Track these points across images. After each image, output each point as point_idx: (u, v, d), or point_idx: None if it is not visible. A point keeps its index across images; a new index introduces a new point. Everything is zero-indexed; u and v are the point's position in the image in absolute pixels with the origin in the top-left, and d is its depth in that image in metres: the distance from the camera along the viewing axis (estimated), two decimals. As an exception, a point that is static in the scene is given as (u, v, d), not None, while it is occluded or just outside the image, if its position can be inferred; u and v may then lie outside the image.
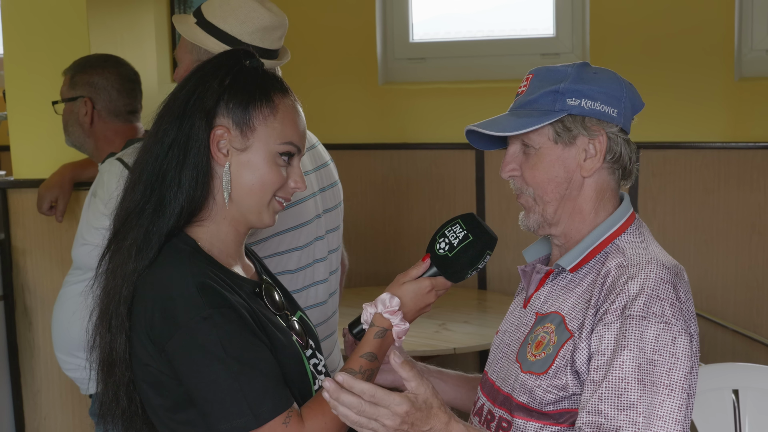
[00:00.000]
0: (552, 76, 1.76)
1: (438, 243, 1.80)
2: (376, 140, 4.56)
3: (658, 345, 1.58)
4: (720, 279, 4.07)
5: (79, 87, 2.98)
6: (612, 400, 1.56)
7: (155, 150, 1.68)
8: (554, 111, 1.72)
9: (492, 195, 4.38)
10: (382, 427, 1.50)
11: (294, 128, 1.72)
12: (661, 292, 1.62)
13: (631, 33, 4.14)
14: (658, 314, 1.59)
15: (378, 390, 1.49)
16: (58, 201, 3.28)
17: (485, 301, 4.16)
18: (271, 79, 1.74)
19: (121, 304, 1.65)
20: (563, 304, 1.73)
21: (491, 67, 4.49)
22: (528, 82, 1.79)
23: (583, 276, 1.74)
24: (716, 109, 4.06)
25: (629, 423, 1.54)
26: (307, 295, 2.44)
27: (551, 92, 1.73)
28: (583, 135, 1.73)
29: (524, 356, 1.75)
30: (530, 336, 1.76)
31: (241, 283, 1.71)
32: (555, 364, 1.67)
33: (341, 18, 4.57)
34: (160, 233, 1.65)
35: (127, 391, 1.68)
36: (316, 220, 2.46)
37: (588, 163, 1.74)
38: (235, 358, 1.57)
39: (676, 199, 4.10)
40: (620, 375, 1.57)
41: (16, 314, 3.69)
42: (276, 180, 1.70)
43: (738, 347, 4.03)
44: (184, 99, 1.68)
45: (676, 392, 1.56)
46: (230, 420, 1.56)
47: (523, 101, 1.77)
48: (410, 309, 1.76)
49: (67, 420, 3.70)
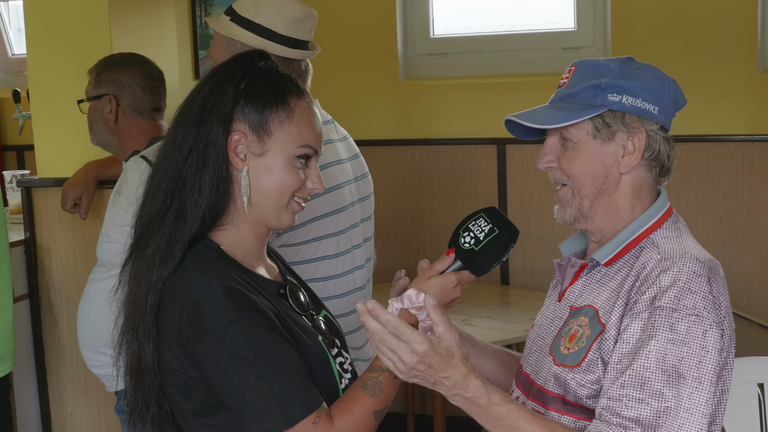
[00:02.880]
0: (594, 69, 1.74)
1: (462, 237, 1.79)
2: (397, 136, 4.56)
3: (687, 337, 1.56)
4: (744, 272, 4.04)
5: (103, 85, 3.00)
6: (635, 388, 1.55)
7: (174, 157, 1.68)
8: (594, 106, 1.71)
9: (514, 190, 4.37)
10: (400, 361, 1.53)
11: (310, 130, 1.72)
12: (693, 286, 1.60)
13: (653, 26, 4.12)
14: (690, 307, 1.58)
15: (402, 325, 1.52)
16: (81, 198, 3.29)
17: (508, 296, 4.15)
18: (286, 81, 1.74)
19: (147, 313, 1.65)
20: (597, 298, 1.72)
21: (512, 61, 4.48)
22: (570, 75, 1.77)
23: (618, 270, 1.73)
24: (739, 102, 4.03)
25: (649, 411, 1.53)
26: (347, 280, 2.47)
27: (593, 87, 1.72)
28: (623, 132, 1.72)
29: (557, 349, 1.74)
30: (564, 329, 1.76)
31: (266, 285, 1.71)
32: (588, 358, 1.67)
33: (362, 14, 4.57)
34: (183, 240, 1.66)
35: (156, 398, 1.69)
36: (351, 207, 2.50)
37: (626, 159, 1.73)
38: (263, 360, 1.57)
39: (700, 193, 4.08)
40: (645, 364, 1.56)
41: (41, 312, 3.71)
42: (294, 182, 1.70)
43: (763, 341, 4.01)
44: (201, 105, 1.68)
45: (704, 385, 1.55)
46: (262, 422, 1.57)
47: (564, 94, 1.76)
48: None
49: (93, 417, 3.72)
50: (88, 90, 3.04)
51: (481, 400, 1.57)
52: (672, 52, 4.04)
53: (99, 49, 3.38)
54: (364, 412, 1.63)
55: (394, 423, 4.19)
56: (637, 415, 1.54)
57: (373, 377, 1.66)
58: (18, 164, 5.45)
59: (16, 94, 4.39)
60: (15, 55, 5.68)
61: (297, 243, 2.36)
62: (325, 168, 2.40)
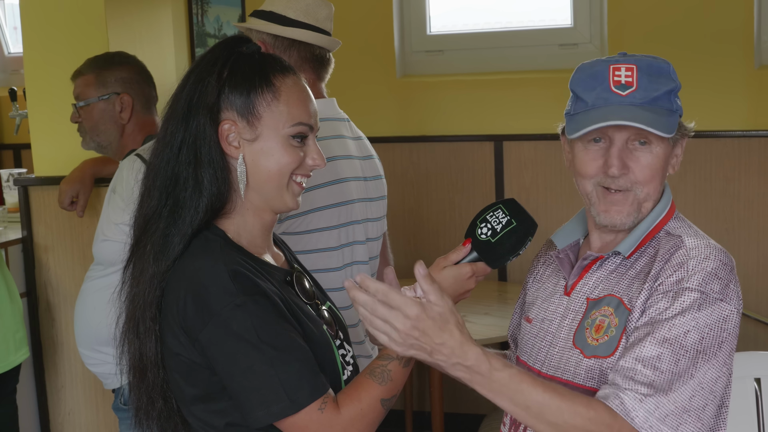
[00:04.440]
0: (657, 71, 1.74)
1: (479, 228, 1.77)
2: (394, 133, 4.55)
3: (711, 319, 1.60)
4: (741, 268, 4.04)
5: (110, 84, 2.99)
6: (653, 356, 1.58)
7: (165, 154, 1.68)
8: (673, 111, 1.73)
9: (511, 186, 4.38)
10: (393, 330, 1.48)
11: (301, 107, 1.70)
12: (720, 273, 1.65)
13: (649, 22, 4.12)
14: (717, 291, 1.63)
15: (392, 292, 1.48)
16: (79, 196, 3.29)
17: (505, 292, 4.15)
18: (269, 60, 1.71)
19: (146, 309, 1.65)
20: (617, 287, 1.74)
21: (509, 58, 4.48)
22: (633, 75, 1.74)
23: (636, 259, 1.75)
24: (736, 98, 4.03)
25: (663, 378, 1.56)
26: (345, 274, 2.47)
27: (669, 92, 1.74)
28: (681, 136, 1.77)
29: (584, 342, 1.74)
30: (586, 321, 1.75)
31: (273, 272, 1.71)
32: (621, 344, 1.68)
33: (359, 12, 4.57)
34: (183, 233, 1.65)
35: (162, 392, 1.69)
36: (357, 203, 2.50)
37: (674, 161, 1.79)
38: (269, 344, 1.56)
39: (697, 189, 4.09)
40: (666, 335, 1.59)
41: (39, 311, 3.72)
42: (292, 161, 1.69)
43: (760, 336, 4.02)
44: (187, 98, 1.67)
45: (719, 367, 1.59)
46: (267, 406, 1.56)
47: (648, 97, 1.72)
48: (449, 295, 1.69)
49: (92, 415, 3.72)
50: (89, 92, 3.00)
51: (483, 367, 1.51)
52: (668, 47, 4.04)
53: (95, 47, 3.38)
54: (372, 400, 1.62)
55: (392, 420, 4.19)
56: (651, 380, 1.56)
57: (382, 365, 1.65)
58: (15, 163, 5.45)
59: (13, 93, 4.39)
60: (11, 54, 5.68)
61: (298, 232, 2.37)
62: (333, 160, 2.41)
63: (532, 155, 4.31)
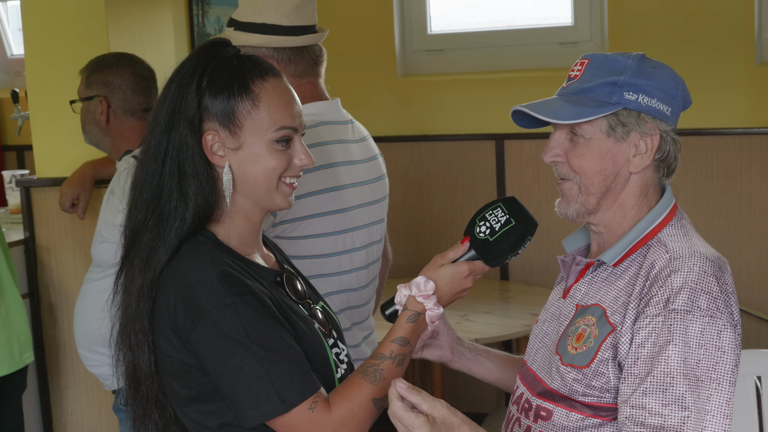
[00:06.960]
0: (610, 65, 1.71)
1: (478, 226, 1.76)
2: (395, 132, 4.56)
3: (703, 339, 1.56)
4: (743, 265, 4.04)
5: (94, 86, 3.01)
6: (657, 395, 1.54)
7: (150, 166, 1.68)
8: (610, 103, 1.68)
9: (512, 185, 4.38)
10: None
11: (283, 110, 1.68)
12: (704, 286, 1.60)
13: (650, 20, 4.12)
14: (703, 308, 1.58)
15: (399, 410, 1.50)
16: (79, 198, 3.30)
17: (507, 291, 4.16)
18: (248, 65, 1.70)
19: (136, 321, 1.65)
20: (604, 297, 1.71)
21: (510, 57, 4.48)
22: (583, 68, 1.73)
23: (625, 269, 1.72)
24: (737, 95, 4.03)
25: (675, 418, 1.53)
26: (339, 280, 2.44)
27: (609, 83, 1.69)
28: (636, 131, 1.70)
29: (564, 348, 1.73)
30: (570, 328, 1.74)
31: (262, 272, 1.71)
32: (597, 358, 1.66)
33: (359, 11, 4.57)
34: (169, 245, 1.65)
35: (157, 402, 1.69)
36: (357, 209, 2.47)
37: (637, 159, 1.72)
38: (259, 344, 1.57)
39: (698, 186, 4.08)
40: (665, 370, 1.55)
41: (41, 312, 3.72)
42: (279, 165, 1.68)
43: (762, 334, 4.02)
44: (168, 109, 1.67)
45: (723, 386, 1.55)
46: (258, 406, 1.57)
47: (578, 88, 1.72)
48: (446, 293, 1.73)
49: (94, 415, 3.73)
50: (79, 90, 3.06)
51: None
52: (669, 45, 4.04)
53: (96, 48, 3.38)
54: (363, 399, 1.62)
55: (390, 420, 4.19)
56: (661, 423, 1.53)
57: (374, 364, 1.65)
58: (18, 164, 5.47)
59: (15, 95, 4.40)
60: (14, 56, 5.69)
61: (292, 237, 2.35)
62: (332, 167, 2.39)
63: (534, 154, 4.31)
